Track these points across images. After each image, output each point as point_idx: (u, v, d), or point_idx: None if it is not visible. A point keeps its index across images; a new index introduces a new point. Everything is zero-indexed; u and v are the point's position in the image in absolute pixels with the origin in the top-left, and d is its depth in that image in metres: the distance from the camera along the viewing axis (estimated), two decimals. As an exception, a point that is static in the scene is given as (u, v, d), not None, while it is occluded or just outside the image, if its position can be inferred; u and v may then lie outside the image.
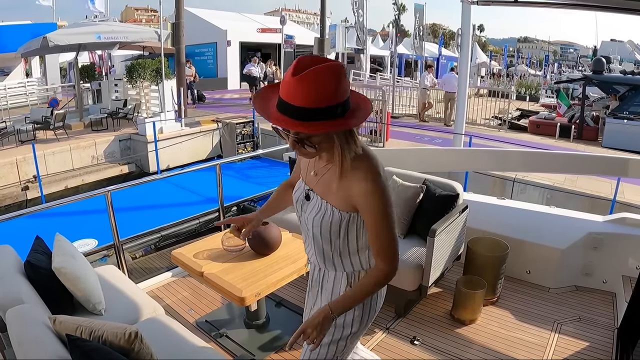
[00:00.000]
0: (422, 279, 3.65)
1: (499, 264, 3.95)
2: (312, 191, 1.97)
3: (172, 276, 4.46)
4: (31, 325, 2.14)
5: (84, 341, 1.95)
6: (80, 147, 13.24)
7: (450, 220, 3.74)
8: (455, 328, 3.71)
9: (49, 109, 14.96)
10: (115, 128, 15.25)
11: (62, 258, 2.82)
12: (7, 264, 2.83)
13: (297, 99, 1.63)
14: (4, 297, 2.45)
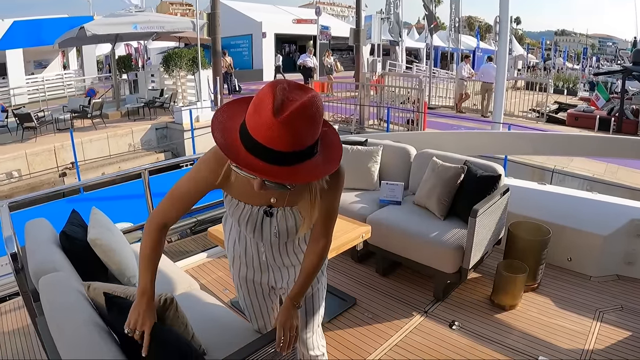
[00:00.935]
0: (462, 261, 3.58)
1: (541, 249, 3.84)
2: (273, 207, 1.91)
3: (208, 257, 4.47)
4: (64, 292, 2.11)
5: (121, 299, 1.92)
6: (117, 135, 13.46)
7: (492, 202, 3.64)
8: (495, 313, 3.61)
9: (86, 99, 15.27)
10: (152, 117, 15.43)
11: (97, 230, 2.80)
12: (42, 235, 2.83)
13: (284, 142, 1.45)
14: (38, 266, 2.44)
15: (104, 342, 1.75)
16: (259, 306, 2.33)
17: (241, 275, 2.24)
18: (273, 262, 2.14)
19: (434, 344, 3.29)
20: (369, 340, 3.35)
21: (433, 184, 3.95)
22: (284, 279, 2.20)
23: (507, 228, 4.05)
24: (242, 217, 1.93)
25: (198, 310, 2.59)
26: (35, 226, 3.01)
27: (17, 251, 2.80)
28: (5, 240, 2.87)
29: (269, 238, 1.99)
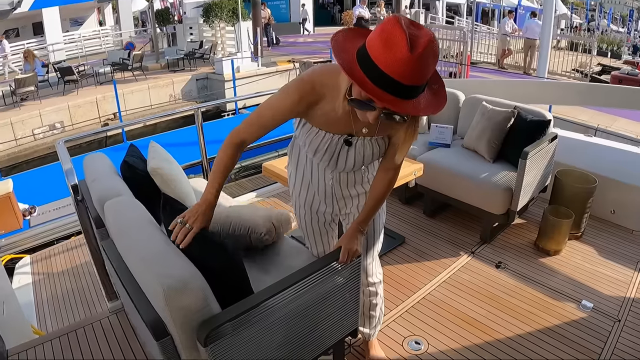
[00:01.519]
0: (510, 203, 3.61)
1: (586, 198, 3.83)
2: (354, 137, 1.94)
3: (256, 197, 4.59)
4: (131, 212, 2.16)
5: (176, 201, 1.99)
6: (158, 86, 13.63)
7: (541, 146, 3.63)
8: (540, 258, 3.66)
9: (125, 52, 15.40)
10: (192, 68, 15.55)
11: (157, 160, 2.85)
12: (103, 167, 2.92)
13: (415, 78, 1.47)
14: (102, 192, 2.51)
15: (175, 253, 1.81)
16: (320, 234, 2.42)
17: (306, 205, 2.31)
18: (339, 192, 2.20)
19: (481, 282, 3.36)
20: (418, 276, 3.45)
21: (483, 128, 3.94)
22: (347, 207, 2.28)
23: (553, 175, 4.04)
24: (320, 145, 1.96)
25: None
26: (94, 160, 3.11)
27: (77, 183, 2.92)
28: (65, 173, 2.98)
29: (342, 167, 2.04)
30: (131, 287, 1.87)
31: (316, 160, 2.07)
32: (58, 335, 2.99)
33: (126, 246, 1.98)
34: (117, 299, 3.25)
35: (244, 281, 1.89)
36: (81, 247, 4.66)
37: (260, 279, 2.24)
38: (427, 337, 2.87)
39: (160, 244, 1.86)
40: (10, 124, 11.81)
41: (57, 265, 4.45)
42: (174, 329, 1.66)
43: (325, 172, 2.13)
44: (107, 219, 2.25)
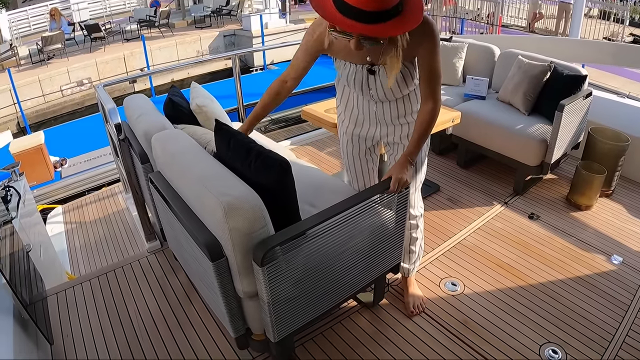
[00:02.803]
0: (544, 155, 3.63)
1: (618, 155, 3.81)
2: (375, 66, 2.06)
3: (291, 144, 4.68)
4: (180, 142, 2.20)
5: (229, 127, 2.03)
6: (185, 43, 13.62)
7: (576, 100, 3.61)
8: (571, 211, 3.68)
9: (151, 9, 15.36)
10: (219, 25, 15.48)
11: (201, 99, 2.90)
12: (145, 105, 2.96)
13: (373, 3, 1.62)
14: (148, 127, 2.57)
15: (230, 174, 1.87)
16: (360, 166, 2.54)
17: (348, 130, 2.44)
18: (382, 116, 2.31)
19: (514, 230, 3.41)
20: (453, 222, 3.52)
21: (519, 81, 3.92)
22: (391, 135, 2.37)
23: (586, 133, 4.02)
24: (349, 75, 2.14)
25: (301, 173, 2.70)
26: (135, 100, 3.15)
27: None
28: (108, 112, 3.04)
29: (376, 96, 2.17)
30: (184, 212, 1.93)
31: (352, 89, 2.24)
32: (96, 276, 3.10)
33: (178, 173, 2.03)
34: (156, 240, 3.34)
35: (294, 205, 1.94)
36: (113, 197, 4.75)
37: (308, 211, 2.30)
38: (462, 279, 2.94)
39: (215, 167, 1.92)
40: (38, 81, 11.94)
41: (89, 214, 4.55)
42: (230, 250, 1.72)
43: (369, 102, 2.28)
44: (155, 151, 2.29)
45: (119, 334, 2.61)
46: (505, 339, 2.50)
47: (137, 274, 3.09)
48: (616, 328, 2.56)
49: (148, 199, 2.95)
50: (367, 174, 2.60)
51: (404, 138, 2.37)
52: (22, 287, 2.33)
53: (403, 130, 2.36)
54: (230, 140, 1.94)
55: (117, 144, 3.12)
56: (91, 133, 8.39)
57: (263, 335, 2.05)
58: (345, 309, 2.70)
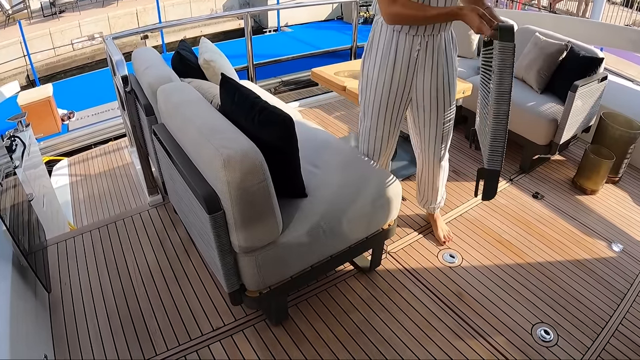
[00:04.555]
0: (554, 135, 3.59)
1: (629, 143, 3.76)
2: None
3: (300, 106, 4.69)
4: (184, 95, 2.19)
5: (234, 81, 2.01)
6: (199, 0, 13.46)
7: (591, 82, 3.56)
8: (576, 195, 3.65)
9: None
10: (234, -17, 15.31)
11: (210, 54, 2.89)
12: (153, 58, 2.94)
13: None
14: (154, 79, 2.57)
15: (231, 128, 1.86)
16: (390, 125, 2.54)
17: (385, 86, 2.39)
18: (423, 61, 2.29)
19: (518, 208, 3.40)
20: (456, 194, 3.51)
21: (534, 57, 3.86)
22: (425, 87, 2.40)
23: (598, 117, 3.97)
24: None
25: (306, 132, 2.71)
26: (144, 52, 3.13)
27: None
28: (116, 63, 3.00)
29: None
30: (184, 163, 1.93)
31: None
32: (97, 227, 3.12)
33: (180, 124, 2.02)
34: (158, 194, 3.34)
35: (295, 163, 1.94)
36: (118, 151, 4.77)
37: (310, 171, 2.31)
38: (461, 251, 2.94)
39: (218, 119, 1.90)
40: (49, 34, 11.88)
41: (94, 167, 4.57)
42: (227, 203, 1.71)
43: (413, 41, 2.22)
44: (159, 103, 2.29)
45: (115, 284, 2.63)
46: (498, 314, 2.50)
47: (137, 226, 3.10)
48: (610, 315, 2.56)
49: (152, 153, 2.95)
50: (393, 136, 2.61)
51: (432, 86, 2.40)
52: (22, 235, 2.35)
53: (432, 84, 2.38)
54: (235, 93, 1.93)
55: (124, 97, 3.10)
56: (100, 87, 8.39)
57: (257, 292, 2.06)
58: (342, 273, 2.71)
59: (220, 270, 1.94)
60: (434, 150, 2.67)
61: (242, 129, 1.83)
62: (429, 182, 2.86)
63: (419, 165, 2.84)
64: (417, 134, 2.65)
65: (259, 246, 1.89)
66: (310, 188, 2.16)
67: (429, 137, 2.62)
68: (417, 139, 2.70)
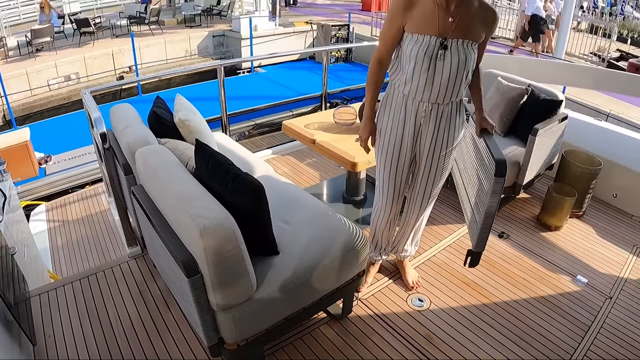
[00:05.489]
0: (517, 177, 3.74)
1: (590, 179, 3.94)
2: (449, 39, 2.24)
3: (272, 153, 4.79)
4: (162, 159, 2.29)
5: (208, 147, 2.13)
6: (174, 41, 13.63)
7: (551, 124, 3.73)
8: (541, 232, 3.80)
9: (142, 5, 15.37)
10: (209, 24, 15.53)
11: (185, 112, 2.98)
12: (131, 117, 3.03)
13: None
14: (133, 140, 2.65)
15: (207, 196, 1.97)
16: (401, 177, 2.71)
17: (396, 144, 2.60)
18: (427, 124, 2.51)
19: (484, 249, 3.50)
20: (424, 239, 3.61)
21: (497, 102, 4.04)
22: (425, 148, 2.59)
23: (560, 155, 4.15)
24: (420, 50, 2.27)
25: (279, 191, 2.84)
26: (122, 110, 3.22)
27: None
28: (94, 121, 3.10)
29: (439, 78, 2.33)
30: (163, 227, 2.03)
31: (418, 69, 2.32)
32: (78, 278, 3.17)
33: (158, 189, 2.12)
34: (137, 245, 3.41)
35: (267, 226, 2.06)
36: (96, 196, 4.82)
37: (281, 228, 2.43)
38: (429, 295, 3.06)
39: (194, 186, 2.02)
40: (25, 74, 11.89)
41: (73, 213, 4.60)
42: (205, 268, 1.83)
43: (418, 107, 2.45)
44: (138, 166, 2.38)
45: (99, 336, 2.68)
46: (466, 354, 2.61)
47: (117, 278, 3.16)
48: (575, 348, 2.68)
49: (130, 207, 3.02)
50: (400, 187, 2.76)
51: (433, 146, 2.58)
52: (7, 289, 2.40)
53: (438, 140, 2.57)
54: (210, 160, 2.05)
55: (102, 152, 3.19)
56: (76, 130, 8.41)
57: (235, 345, 2.15)
58: (316, 320, 2.80)
59: (199, 325, 2.03)
60: (420, 206, 2.84)
61: (216, 193, 1.95)
62: (405, 234, 3.01)
63: (402, 218, 2.97)
64: (409, 188, 2.81)
65: (235, 304, 1.99)
66: (281, 245, 2.28)
67: (417, 193, 2.78)
68: (408, 195, 2.85)
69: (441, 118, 2.48)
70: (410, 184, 2.78)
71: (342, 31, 14.23)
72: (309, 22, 15.35)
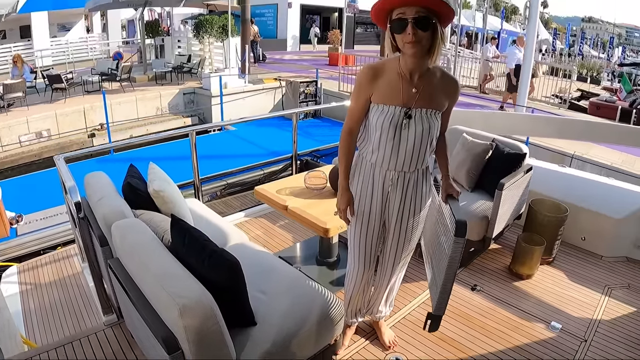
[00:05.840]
0: (486, 230, 3.83)
1: (558, 226, 4.07)
2: (413, 109, 2.35)
3: (245, 216, 4.80)
4: (139, 235, 2.33)
5: (184, 222, 2.19)
6: (145, 99, 13.70)
7: (516, 178, 3.86)
8: (513, 281, 3.88)
9: (114, 62, 15.49)
10: (179, 82, 15.67)
11: (159, 182, 3.03)
12: (106, 187, 3.07)
13: None
14: (108, 213, 2.68)
15: (184, 273, 2.01)
16: (372, 242, 2.76)
17: (366, 210, 2.67)
18: (394, 195, 2.59)
19: (458, 303, 3.58)
20: (400, 297, 3.63)
21: (463, 158, 4.17)
22: (394, 214, 2.65)
23: (527, 204, 4.27)
24: (385, 120, 2.38)
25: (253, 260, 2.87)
26: (96, 179, 3.24)
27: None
28: (68, 190, 3.11)
29: (405, 146, 2.42)
30: (142, 303, 2.06)
31: (384, 139, 2.42)
32: (54, 347, 3.12)
33: (137, 265, 2.16)
34: (112, 313, 3.38)
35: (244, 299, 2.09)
36: (69, 258, 4.76)
37: (258, 298, 2.46)
38: (406, 353, 3.08)
39: (171, 265, 2.06)
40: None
41: (45, 275, 4.54)
42: (185, 344, 1.86)
43: (385, 175, 2.54)
44: (114, 240, 2.41)
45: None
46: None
47: (94, 347, 3.11)
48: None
49: (105, 276, 3.01)
50: (374, 250, 2.80)
51: (402, 216, 2.66)
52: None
53: (406, 210, 2.64)
54: (186, 235, 2.10)
55: (76, 220, 3.18)
56: (48, 188, 8.33)
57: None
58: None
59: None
60: (392, 269, 2.89)
61: (193, 269, 2.00)
62: (380, 295, 3.05)
63: (376, 279, 3.01)
64: (380, 252, 2.87)
65: (215, 377, 2.01)
66: (259, 315, 2.32)
67: (388, 258, 2.84)
68: (380, 258, 2.90)
69: (408, 185, 2.57)
70: (382, 248, 2.83)
71: (310, 87, 14.45)
72: (277, 78, 15.58)
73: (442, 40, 2.24)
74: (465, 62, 19.13)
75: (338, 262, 3.93)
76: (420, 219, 2.72)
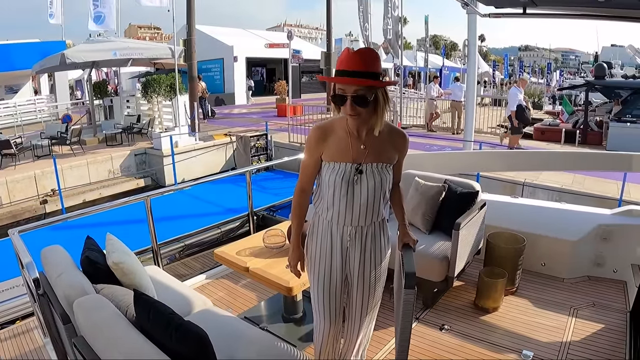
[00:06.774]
0: (448, 270, 3.89)
1: (517, 256, 4.18)
2: (363, 164, 2.44)
3: (206, 278, 4.74)
4: (102, 312, 2.29)
5: (147, 296, 2.17)
6: (96, 162, 13.50)
7: (471, 216, 3.97)
8: (480, 316, 3.94)
9: (63, 125, 15.28)
10: (130, 143, 15.50)
11: (118, 254, 2.98)
12: (63, 261, 2.99)
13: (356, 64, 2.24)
14: (69, 290, 2.60)
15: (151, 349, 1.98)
16: (335, 298, 2.75)
17: (325, 269, 2.68)
18: (353, 250, 2.63)
19: (428, 345, 3.59)
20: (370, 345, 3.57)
21: (418, 202, 4.26)
22: (355, 269, 2.68)
23: (485, 239, 4.38)
24: (337, 176, 2.46)
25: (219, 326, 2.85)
26: (53, 253, 3.15)
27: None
28: (26, 266, 3.05)
29: (359, 198, 2.49)
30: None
31: (337, 194, 2.49)
32: None
33: (103, 345, 2.11)
34: (79, 390, 3.28)
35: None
36: (29, 332, 4.58)
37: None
38: (381, 402, 3.06)
39: (138, 342, 2.03)
40: (-54, 198, 11.47)
41: (5, 352, 4.35)
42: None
43: (343, 231, 2.58)
44: (78, 318, 2.35)
45: None
46: None
47: None
48: None
49: (70, 352, 2.93)
50: (338, 306, 2.79)
51: (364, 269, 2.68)
52: None
53: (367, 263, 2.67)
54: (150, 310, 2.08)
55: (36, 297, 3.10)
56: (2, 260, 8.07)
57: None
58: None
59: None
60: (360, 321, 2.88)
61: (160, 344, 1.98)
62: (350, 347, 3.02)
63: (345, 332, 2.99)
64: (347, 306, 2.87)
65: None
66: (232, 384, 2.29)
67: (354, 310, 2.84)
68: (346, 311, 2.90)
69: (366, 239, 2.61)
70: (347, 302, 2.85)
71: (260, 141, 14.58)
72: (228, 134, 15.64)
73: (386, 103, 2.36)
74: (411, 102, 19.64)
75: (304, 318, 3.90)
76: (382, 270, 2.74)
